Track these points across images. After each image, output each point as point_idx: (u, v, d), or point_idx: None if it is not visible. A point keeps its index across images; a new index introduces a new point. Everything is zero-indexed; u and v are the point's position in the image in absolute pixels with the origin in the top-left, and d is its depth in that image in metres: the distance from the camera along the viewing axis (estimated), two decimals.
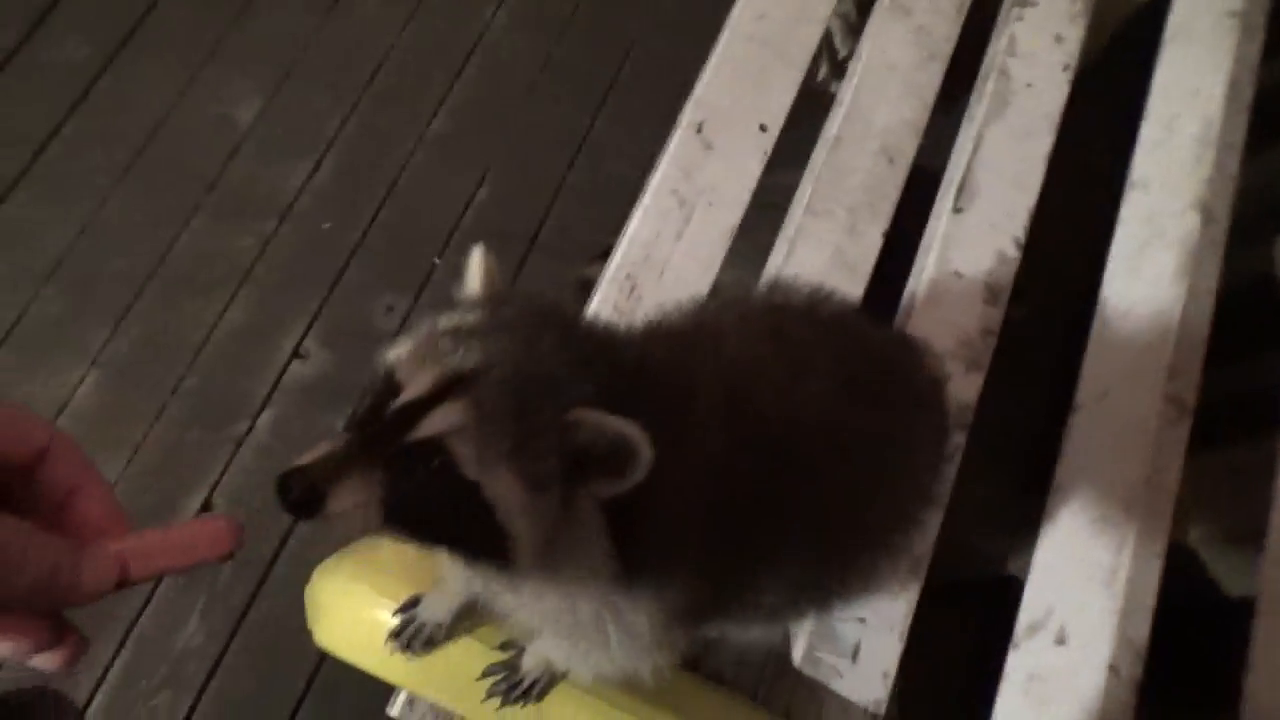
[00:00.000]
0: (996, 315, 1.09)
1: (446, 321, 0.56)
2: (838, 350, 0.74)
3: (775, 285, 0.98)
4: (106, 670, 1.22)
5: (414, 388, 0.52)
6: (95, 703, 1.20)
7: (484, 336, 0.54)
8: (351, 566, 0.82)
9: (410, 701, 0.85)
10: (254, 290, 1.41)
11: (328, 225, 1.46)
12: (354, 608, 0.80)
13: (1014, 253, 1.12)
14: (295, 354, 1.39)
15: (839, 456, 0.69)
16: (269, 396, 1.36)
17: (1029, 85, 1.21)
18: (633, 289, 0.99)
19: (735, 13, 1.15)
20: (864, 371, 0.74)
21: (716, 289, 1.03)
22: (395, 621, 0.78)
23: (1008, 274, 1.11)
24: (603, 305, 0.98)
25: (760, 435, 0.63)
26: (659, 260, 1.02)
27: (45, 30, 1.50)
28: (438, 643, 0.79)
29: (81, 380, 1.33)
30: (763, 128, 1.10)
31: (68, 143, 1.45)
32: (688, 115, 1.08)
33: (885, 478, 0.76)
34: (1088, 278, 1.09)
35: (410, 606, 0.79)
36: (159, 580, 1.26)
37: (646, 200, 1.04)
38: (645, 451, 0.50)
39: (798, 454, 0.66)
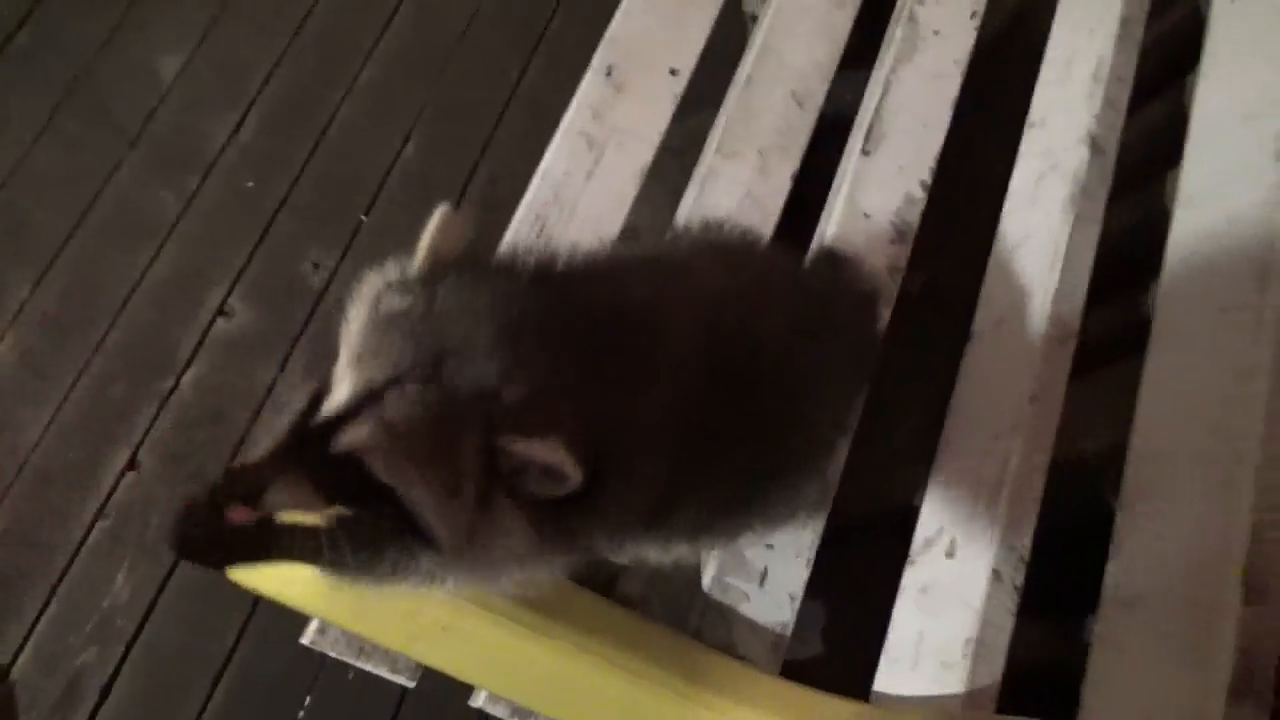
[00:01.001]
0: (903, 253, 1.12)
1: (387, 304, 0.57)
2: (780, 285, 0.77)
3: (709, 225, 1.01)
4: (33, 627, 1.22)
5: (337, 394, 0.55)
6: (22, 658, 1.20)
7: (412, 333, 0.54)
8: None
9: (322, 629, 0.86)
10: (178, 246, 1.41)
11: (251, 183, 1.46)
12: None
13: (920, 194, 1.15)
14: (220, 311, 1.39)
15: (776, 388, 0.71)
16: (194, 353, 1.36)
17: (936, 32, 1.24)
18: (542, 228, 1.01)
19: None
20: (803, 305, 0.77)
21: (627, 230, 1.05)
22: None
23: (914, 214, 1.14)
24: (509, 247, 0.99)
25: (713, 373, 0.65)
26: (569, 200, 1.03)
27: None
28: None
29: (2, 335, 1.32)
30: (673, 71, 1.12)
31: None
32: (598, 58, 1.09)
33: (813, 404, 0.78)
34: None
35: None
36: (84, 537, 1.26)
37: (556, 141, 1.05)
38: (574, 476, 0.53)
39: (740, 390, 0.68)
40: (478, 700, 0.88)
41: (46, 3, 1.49)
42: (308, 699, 1.21)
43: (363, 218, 1.48)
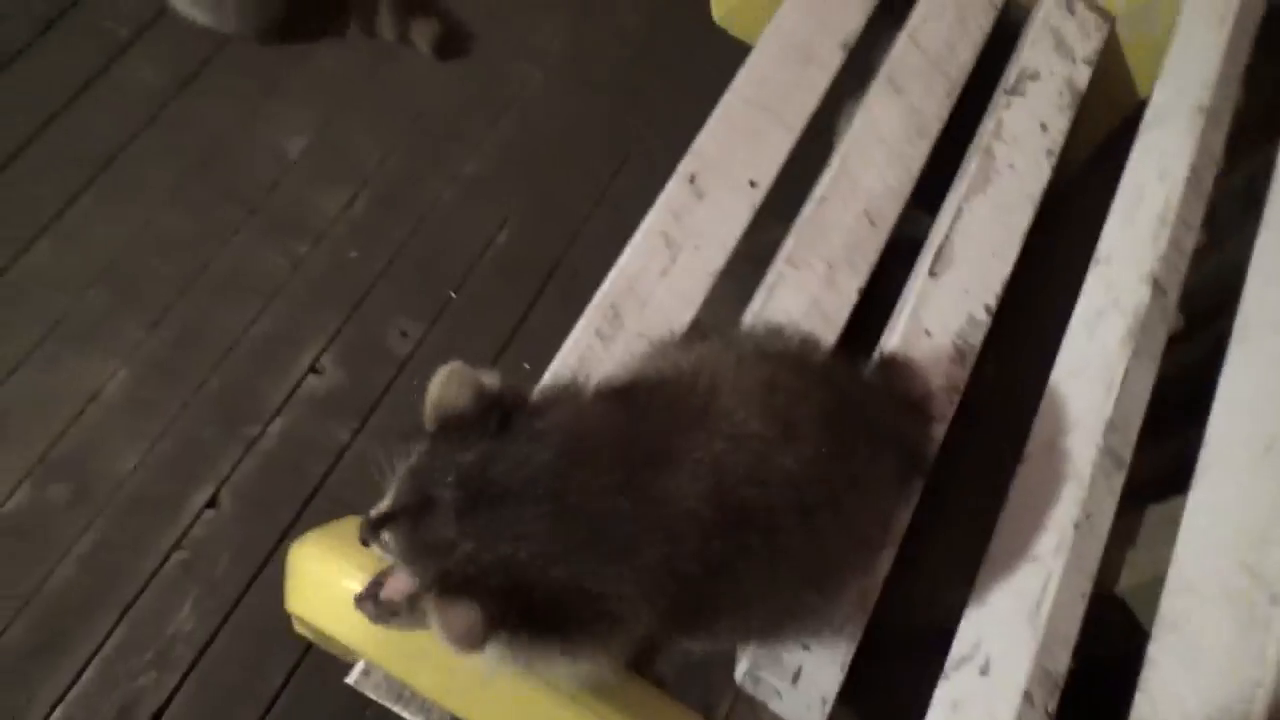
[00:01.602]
0: (961, 374, 1.15)
1: (407, 460, 0.69)
2: (824, 402, 0.80)
3: (770, 329, 1.06)
4: (100, 646, 1.28)
5: (381, 504, 0.69)
6: (85, 676, 1.27)
7: (413, 476, 0.67)
8: (328, 538, 0.89)
9: (366, 671, 0.90)
10: (282, 306, 1.52)
11: (354, 254, 1.57)
12: (325, 574, 0.86)
13: (983, 317, 1.19)
14: (312, 369, 1.48)
15: (810, 512, 0.75)
16: (282, 405, 1.45)
17: (1011, 166, 1.29)
18: (615, 315, 1.07)
19: (738, 77, 1.25)
20: (847, 423, 0.80)
21: (694, 325, 1.10)
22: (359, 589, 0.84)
23: (976, 336, 1.18)
24: (585, 330, 1.06)
25: (737, 501, 0.70)
26: (643, 293, 1.10)
27: (125, 59, 1.65)
28: (399, 616, 0.85)
29: (114, 374, 1.43)
30: (752, 183, 1.19)
31: (134, 158, 1.59)
32: (683, 166, 1.17)
33: (849, 525, 0.81)
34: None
35: (380, 580, 0.85)
36: (159, 567, 1.33)
37: (637, 239, 1.12)
38: (470, 646, 0.61)
39: (770, 514, 0.72)
40: None
41: (191, 86, 1.66)
42: None
43: (451, 294, 1.57)
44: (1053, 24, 1.42)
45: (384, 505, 0.68)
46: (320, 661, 1.29)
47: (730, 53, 1.61)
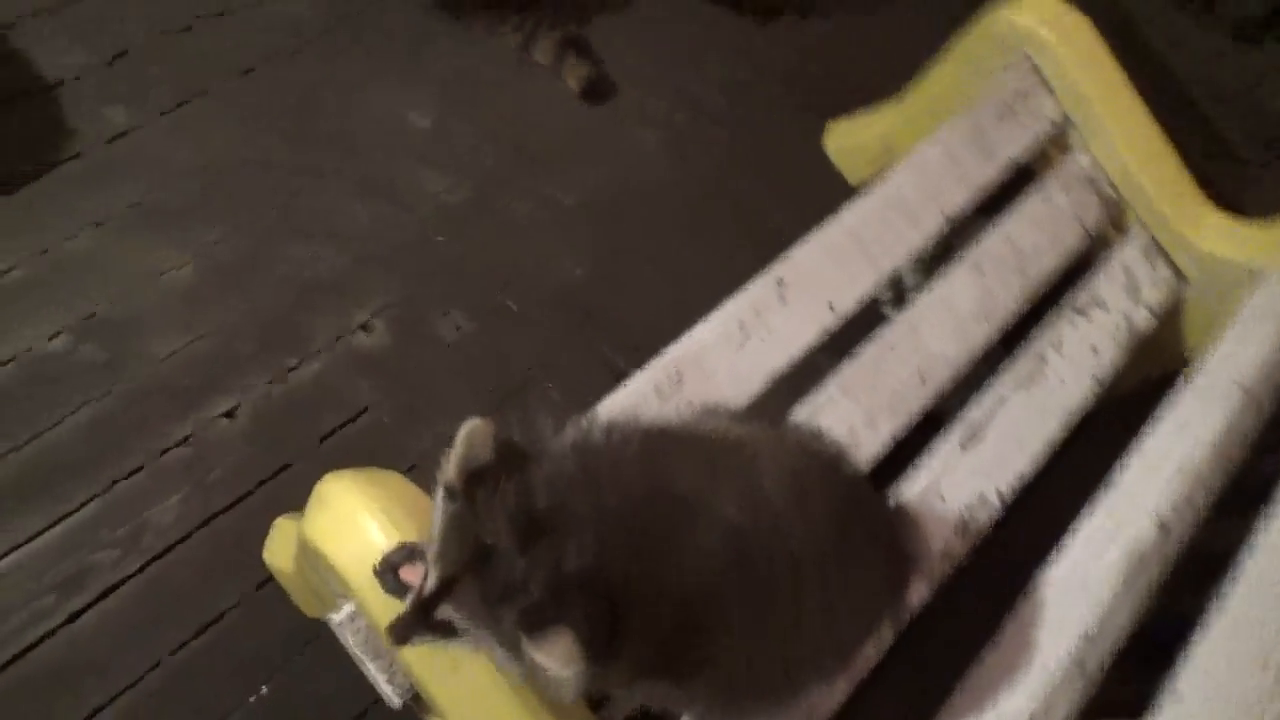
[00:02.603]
0: (961, 547, 1.22)
1: (445, 505, 0.73)
2: (839, 504, 0.86)
3: (812, 432, 1.12)
4: (76, 509, 1.31)
5: (431, 578, 0.72)
6: (51, 531, 1.29)
7: (462, 532, 0.71)
8: (372, 486, 0.91)
9: (353, 618, 0.94)
10: (352, 258, 1.58)
11: (440, 238, 1.64)
12: (358, 518, 0.88)
13: (995, 501, 1.26)
14: (363, 325, 1.54)
15: (799, 598, 0.81)
16: (323, 348, 1.50)
17: (1061, 380, 1.38)
18: (678, 378, 1.14)
19: (846, 209, 1.34)
20: (854, 531, 0.86)
21: (747, 409, 1.17)
22: (382, 554, 0.87)
23: (983, 515, 1.24)
24: (645, 381, 1.12)
25: (746, 559, 0.76)
26: (708, 366, 1.16)
27: None
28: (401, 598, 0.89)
29: (182, 265, 1.48)
30: (831, 306, 1.27)
31: (266, 78, 1.68)
32: (775, 268, 1.25)
33: (830, 622, 0.87)
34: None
35: (404, 554, 0.87)
36: (161, 453, 1.36)
37: (714, 318, 1.19)
38: (570, 672, 0.65)
39: (768, 585, 0.78)
40: None
41: (339, 29, 1.75)
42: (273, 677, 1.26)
43: (511, 305, 1.64)
44: (1131, 266, 1.53)
45: (431, 581, 0.71)
46: (273, 598, 1.30)
47: (830, 182, 1.73)
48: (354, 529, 0.88)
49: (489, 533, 0.70)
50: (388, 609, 0.88)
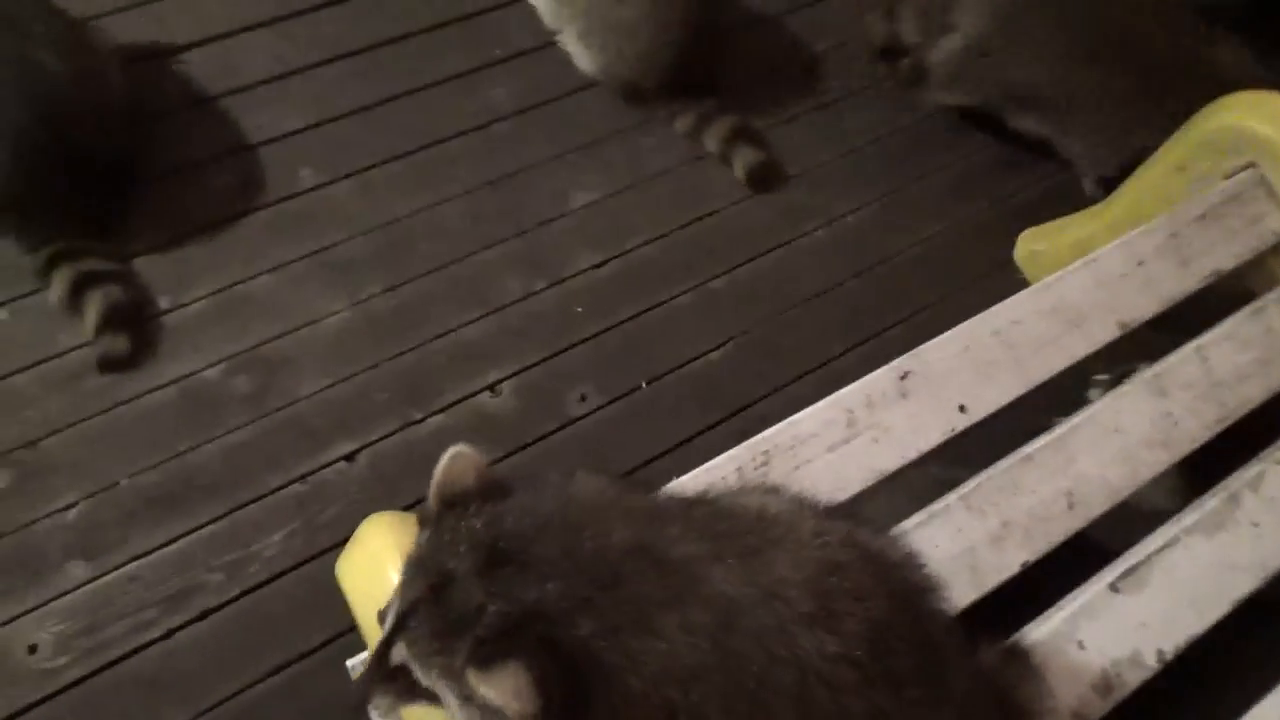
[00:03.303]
0: (1100, 708, 1.01)
1: (414, 547, 0.70)
2: (884, 616, 0.70)
3: (889, 539, 0.98)
4: (195, 529, 1.37)
5: (385, 626, 0.68)
6: (170, 547, 1.35)
7: (422, 565, 0.67)
8: (398, 527, 0.89)
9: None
10: (495, 323, 1.61)
11: (580, 310, 1.64)
12: (382, 558, 0.86)
13: (1153, 663, 1.04)
14: (491, 387, 1.55)
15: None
16: (451, 405, 1.52)
17: (1255, 525, 1.14)
18: (765, 463, 1.04)
19: (996, 307, 1.20)
20: (896, 651, 0.71)
21: (839, 508, 1.04)
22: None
23: (1136, 678, 1.03)
24: (729, 461, 1.03)
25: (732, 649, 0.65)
26: (802, 455, 1.05)
27: (489, 72, 1.87)
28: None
29: (339, 311, 1.57)
30: (962, 409, 1.13)
31: (452, 152, 1.79)
32: (900, 360, 1.13)
33: None
34: None
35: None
36: (279, 488, 1.41)
37: (821, 404, 1.09)
38: (527, 708, 0.58)
39: (757, 687, 0.65)
40: None
41: (525, 115, 1.83)
42: None
43: (644, 384, 1.60)
44: None
45: (390, 620, 0.67)
46: (357, 645, 1.30)
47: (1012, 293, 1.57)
48: (373, 569, 0.85)
49: (452, 557, 0.65)
50: None
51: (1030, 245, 1.84)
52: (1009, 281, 1.84)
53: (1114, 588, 1.07)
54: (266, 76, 1.79)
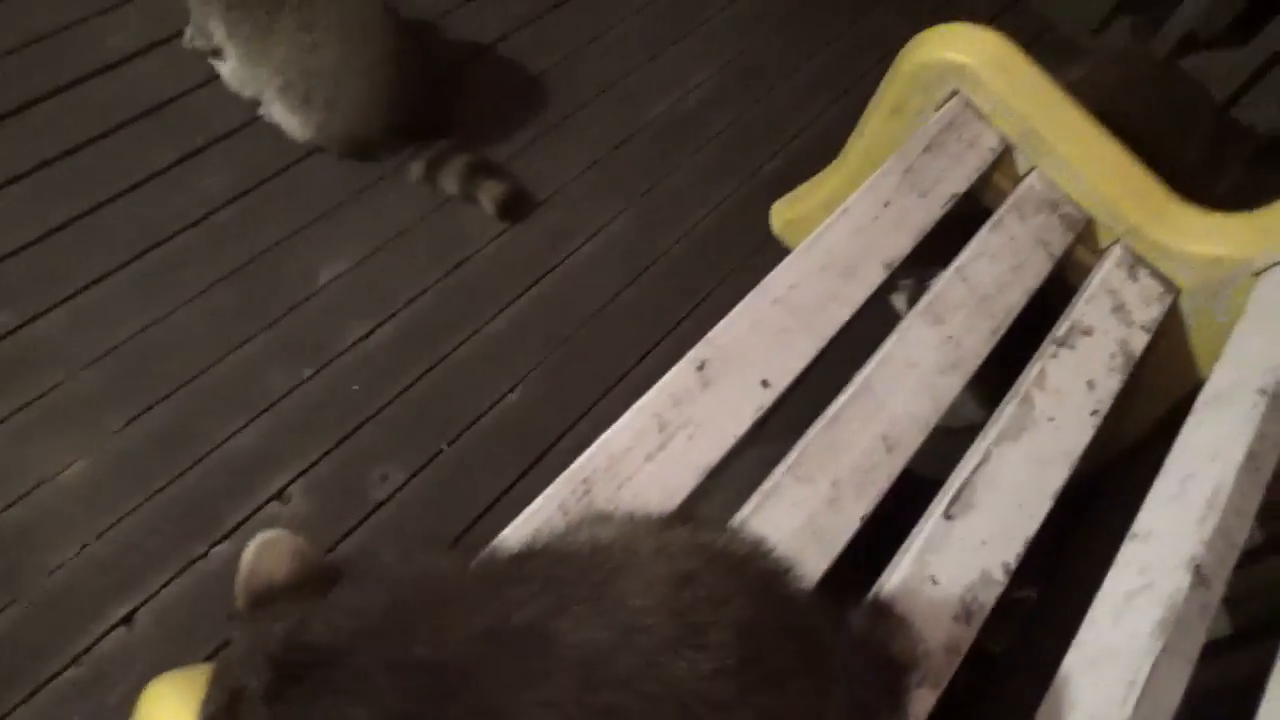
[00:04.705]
0: (966, 635, 1.01)
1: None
2: (748, 615, 0.65)
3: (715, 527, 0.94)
4: None
5: None
6: None
7: (210, 691, 0.57)
8: (186, 686, 0.76)
9: None
10: (267, 425, 1.45)
11: (357, 387, 1.52)
12: None
13: (1000, 576, 1.06)
14: (278, 495, 1.40)
15: None
16: (236, 528, 1.36)
17: (1051, 419, 1.20)
18: (587, 492, 0.97)
19: (770, 276, 1.20)
20: (769, 647, 0.67)
21: (674, 516, 0.99)
22: None
23: (989, 595, 1.04)
24: (549, 501, 0.96)
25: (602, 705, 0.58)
26: (622, 474, 1.00)
27: (196, 162, 1.71)
28: None
29: (74, 461, 1.36)
30: (765, 383, 1.11)
31: (174, 253, 1.59)
32: (694, 351, 1.10)
33: None
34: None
35: None
36: (50, 679, 1.20)
37: (627, 416, 1.04)
38: None
39: None
40: None
41: (246, 199, 1.69)
42: None
43: (445, 447, 1.49)
44: (1112, 285, 1.36)
45: None
46: None
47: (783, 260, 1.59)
48: None
49: (246, 672, 0.54)
50: None
51: (784, 215, 1.89)
52: (778, 253, 1.88)
53: (948, 515, 1.08)
54: None
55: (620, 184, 1.93)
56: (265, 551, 0.59)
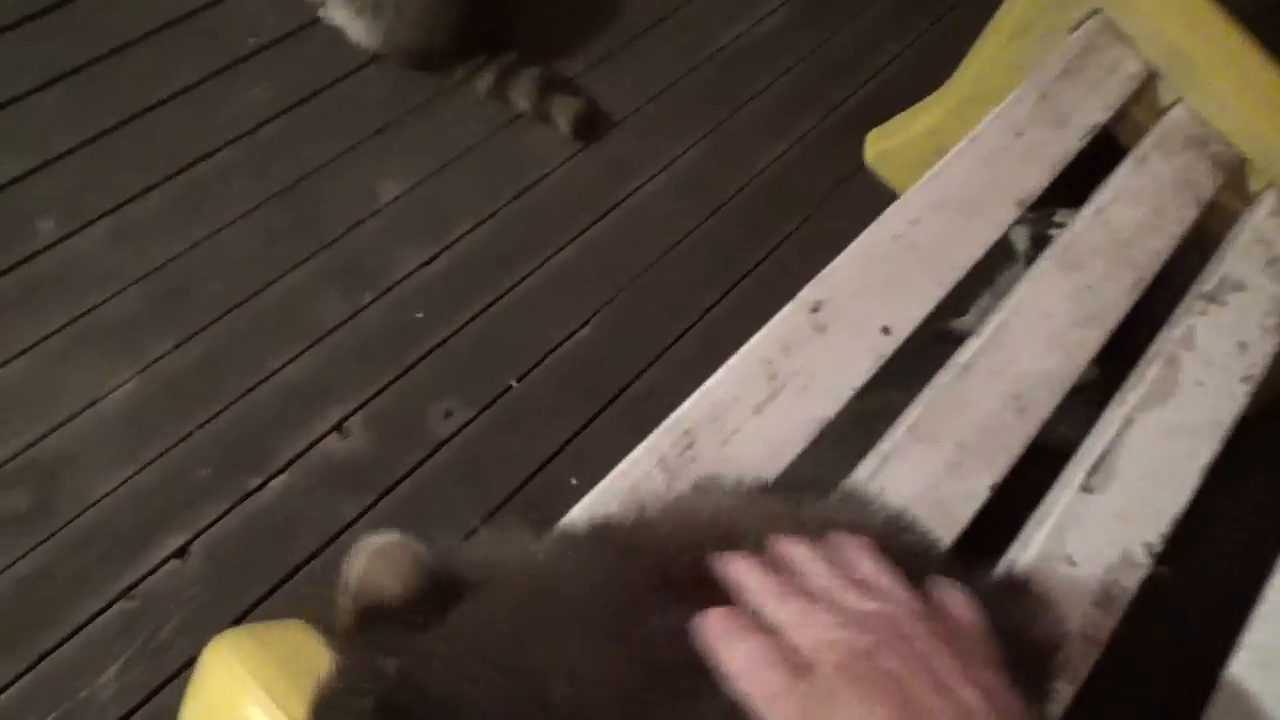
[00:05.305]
0: (1106, 624, 0.90)
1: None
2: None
3: (850, 497, 0.85)
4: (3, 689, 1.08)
5: None
6: None
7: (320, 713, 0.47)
8: (252, 643, 0.67)
9: None
10: (324, 354, 1.36)
11: (420, 315, 1.42)
12: (228, 689, 0.64)
13: (1143, 559, 0.94)
14: (337, 427, 1.30)
15: None
16: (292, 461, 1.27)
17: (1199, 384, 1.06)
18: (689, 446, 0.86)
19: (888, 212, 1.07)
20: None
21: (781, 480, 0.88)
22: None
23: (1132, 579, 0.92)
24: (648, 454, 0.85)
25: None
26: (728, 426, 0.88)
27: (244, 67, 1.59)
28: None
29: (123, 384, 1.28)
30: (886, 330, 0.99)
31: (219, 168, 1.49)
32: (806, 292, 0.98)
33: None
34: None
35: None
36: (99, 613, 1.13)
37: (734, 361, 0.92)
38: None
39: None
40: None
41: (299, 109, 1.57)
42: None
43: (513, 383, 1.39)
44: (1267, 235, 1.21)
45: None
46: None
47: (876, 200, 1.45)
48: (226, 712, 0.62)
49: (346, 712, 0.44)
50: None
51: (879, 145, 1.75)
52: (864, 190, 1.74)
53: (1086, 488, 0.96)
54: None
55: (692, 113, 1.78)
56: (378, 562, 0.47)
